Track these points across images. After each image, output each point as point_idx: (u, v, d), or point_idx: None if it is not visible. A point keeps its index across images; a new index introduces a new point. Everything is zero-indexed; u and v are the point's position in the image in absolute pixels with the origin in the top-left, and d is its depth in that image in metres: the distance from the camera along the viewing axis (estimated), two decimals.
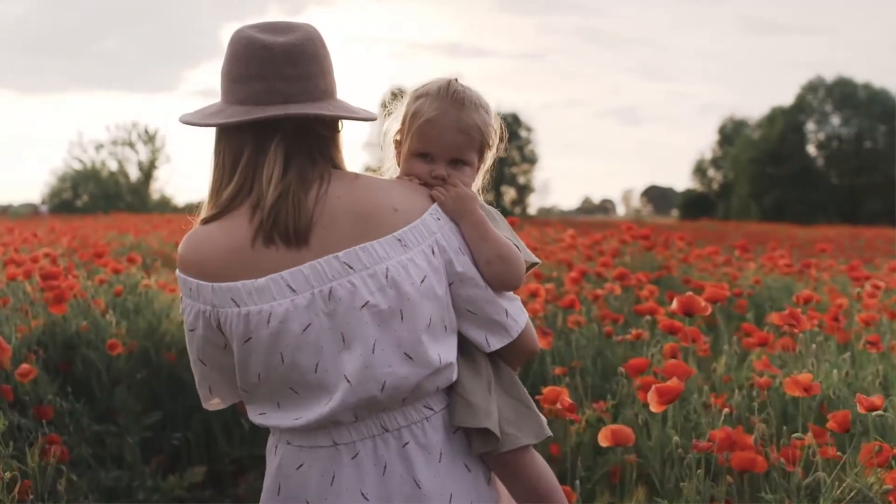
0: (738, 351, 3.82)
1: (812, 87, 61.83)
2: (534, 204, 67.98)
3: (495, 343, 1.77)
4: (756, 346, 3.72)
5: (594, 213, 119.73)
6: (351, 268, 1.64)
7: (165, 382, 5.20)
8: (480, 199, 1.86)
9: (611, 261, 7.37)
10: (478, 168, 1.90)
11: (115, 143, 62.61)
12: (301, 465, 1.74)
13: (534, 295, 4.41)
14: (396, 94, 1.91)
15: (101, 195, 58.81)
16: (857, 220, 49.62)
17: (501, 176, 65.83)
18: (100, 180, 61.22)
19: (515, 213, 62.03)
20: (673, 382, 2.55)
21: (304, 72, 1.68)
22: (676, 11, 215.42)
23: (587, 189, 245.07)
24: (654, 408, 2.55)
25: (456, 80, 1.85)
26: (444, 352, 1.71)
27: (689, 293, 3.15)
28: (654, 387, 2.56)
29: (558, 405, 2.83)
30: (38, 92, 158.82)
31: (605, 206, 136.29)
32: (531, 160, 65.95)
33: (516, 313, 1.80)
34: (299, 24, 1.74)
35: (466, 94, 1.82)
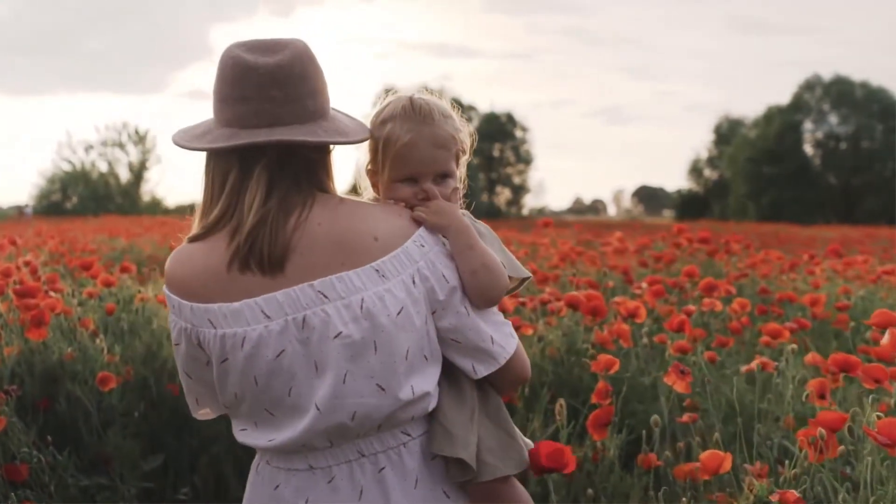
0: None
1: (809, 86, 61.76)
2: (528, 204, 67.39)
3: (482, 370, 1.76)
4: None
5: (585, 214, 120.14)
6: (325, 297, 1.64)
7: (167, 419, 4.35)
8: (469, 213, 1.85)
9: (664, 268, 6.58)
10: (457, 176, 1.86)
11: (104, 143, 61.75)
12: (278, 486, 1.76)
13: (633, 315, 3.59)
14: (388, 93, 1.86)
15: (90, 197, 57.99)
16: (854, 219, 49.24)
17: (497, 176, 65.40)
18: (89, 182, 60.39)
19: (511, 214, 61.53)
20: None
21: (292, 93, 1.67)
22: (665, 11, 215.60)
23: (577, 189, 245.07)
24: None
25: (415, 95, 1.83)
26: (421, 383, 1.71)
27: (884, 310, 2.37)
28: None
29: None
30: (25, 93, 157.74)
31: (596, 207, 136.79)
32: (526, 160, 65.61)
33: (503, 339, 1.78)
34: (289, 41, 1.71)
35: (432, 106, 1.81)
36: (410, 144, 1.77)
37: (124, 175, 62.01)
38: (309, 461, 1.73)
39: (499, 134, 64.42)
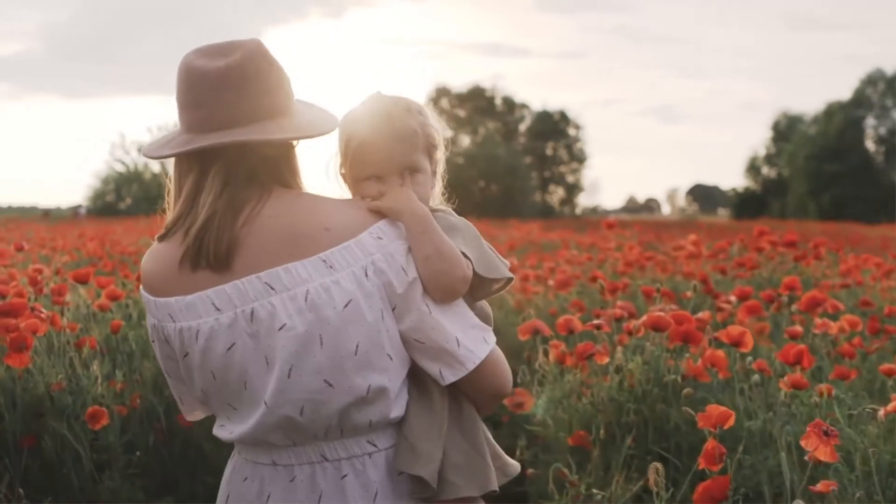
0: None
1: (871, 81, 60.82)
2: (581, 203, 66.52)
3: (450, 376, 1.69)
4: None
5: (639, 213, 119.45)
6: (272, 288, 1.62)
7: (180, 453, 3.75)
8: (449, 209, 1.83)
9: (748, 274, 5.85)
10: (433, 172, 1.82)
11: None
12: (246, 478, 1.76)
13: (737, 344, 2.89)
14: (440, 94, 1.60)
15: (143, 197, 58.34)
16: None
17: (550, 175, 64.83)
18: (142, 182, 60.77)
19: (564, 213, 60.88)
20: None
21: (244, 93, 1.67)
22: (715, 9, 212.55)
23: (628, 187, 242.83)
24: None
25: (378, 92, 1.80)
26: (377, 381, 1.65)
27: None
28: None
29: None
30: (81, 96, 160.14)
31: (650, 206, 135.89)
32: (580, 158, 64.67)
33: (472, 343, 1.69)
34: (241, 42, 1.71)
35: (392, 101, 1.78)
36: (369, 141, 1.74)
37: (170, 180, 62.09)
38: (272, 457, 1.72)
39: (552, 132, 63.74)
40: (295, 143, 1.77)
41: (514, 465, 1.84)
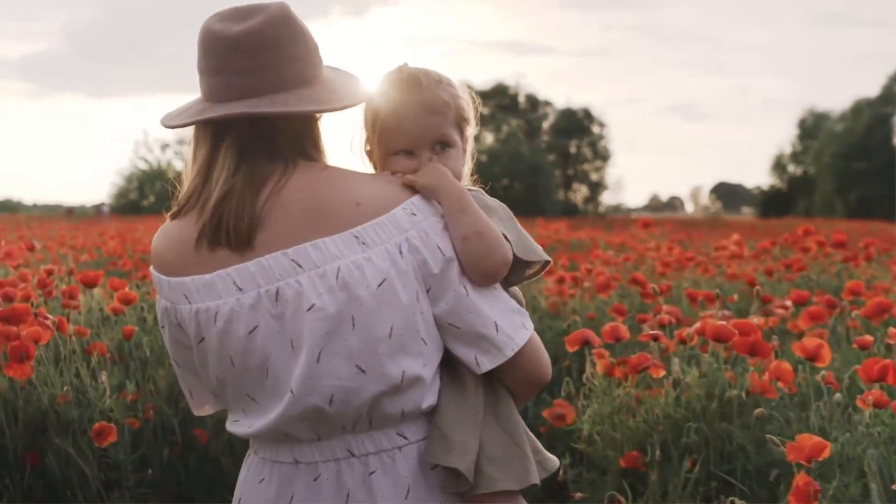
0: None
1: None
2: (604, 202, 66.03)
3: (486, 363, 1.58)
4: None
5: (662, 211, 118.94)
6: (300, 266, 1.51)
7: (195, 470, 3.49)
8: (481, 190, 1.71)
9: (794, 276, 5.55)
10: (463, 149, 1.72)
11: (180, 142, 62.09)
12: (263, 479, 1.64)
13: (813, 358, 2.59)
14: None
15: (167, 195, 58.35)
16: None
17: (573, 173, 64.49)
18: (166, 180, 60.84)
19: (588, 211, 60.52)
20: None
21: (263, 61, 1.56)
22: (737, 6, 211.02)
23: (651, 186, 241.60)
24: None
25: (405, 63, 1.70)
26: (412, 367, 1.54)
27: None
28: None
29: None
30: (106, 95, 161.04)
31: (674, 204, 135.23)
32: (604, 156, 64.21)
33: (511, 328, 1.59)
34: (265, 5, 1.59)
35: (422, 72, 1.67)
36: (398, 112, 1.64)
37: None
38: (294, 454, 1.60)
39: (575, 130, 63.25)
40: (319, 116, 1.66)
41: (553, 460, 1.72)
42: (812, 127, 65.72)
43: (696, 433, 2.80)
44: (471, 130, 1.74)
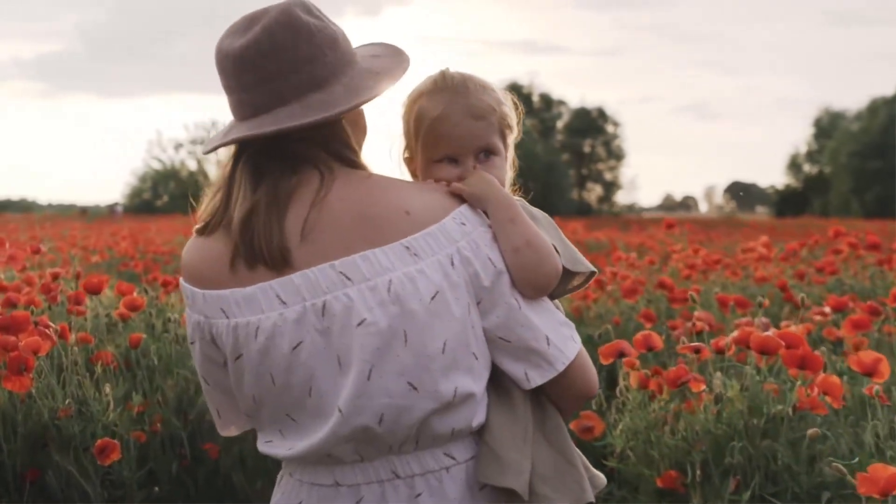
0: None
1: None
2: (618, 201, 65.75)
3: (536, 378, 1.53)
4: None
5: (675, 211, 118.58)
6: (348, 278, 1.46)
7: (205, 485, 3.32)
8: (523, 200, 1.65)
9: (826, 280, 5.36)
10: (506, 157, 1.68)
11: (193, 142, 62.19)
12: (300, 503, 1.57)
13: (871, 373, 2.40)
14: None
15: (180, 195, 58.52)
16: None
17: (587, 172, 64.30)
18: (179, 180, 60.96)
19: (603, 211, 60.31)
20: None
21: (266, 73, 1.51)
22: (752, 5, 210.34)
23: (665, 185, 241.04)
24: None
25: (446, 68, 1.66)
26: (464, 383, 1.48)
27: None
28: None
29: None
30: (119, 95, 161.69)
31: (687, 203, 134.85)
32: (618, 156, 63.94)
33: (561, 341, 1.54)
34: (265, 12, 1.52)
35: (467, 78, 1.64)
36: (443, 117, 1.59)
37: (213, 173, 62.41)
38: (335, 476, 1.53)
39: (589, 129, 62.99)
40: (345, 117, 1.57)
41: (601, 477, 1.67)
42: (828, 126, 65.44)
43: (740, 452, 2.61)
44: (513, 138, 1.70)
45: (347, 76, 1.54)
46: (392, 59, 1.62)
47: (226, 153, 1.61)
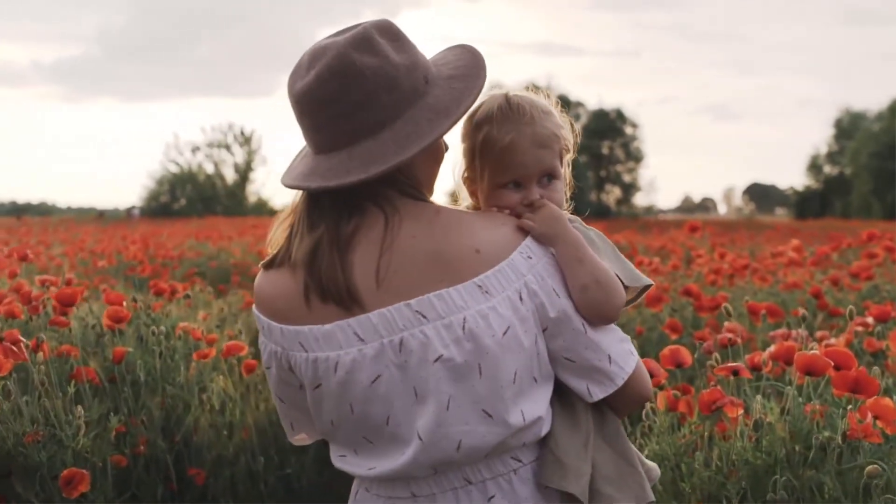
0: None
1: None
2: (637, 203, 65.19)
3: (598, 393, 1.60)
4: None
5: (694, 212, 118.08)
6: (424, 317, 1.51)
7: None
8: (578, 219, 1.70)
9: (860, 286, 5.05)
10: (564, 176, 1.73)
11: (210, 145, 62.13)
12: None
13: None
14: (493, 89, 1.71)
15: (197, 198, 58.44)
16: None
17: (606, 174, 63.90)
18: (196, 183, 60.89)
19: (622, 213, 59.87)
20: None
21: (320, 121, 1.55)
22: (768, 6, 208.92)
23: (684, 187, 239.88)
24: None
25: (510, 93, 1.69)
26: (532, 407, 1.56)
27: None
28: None
29: None
30: (137, 99, 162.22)
31: (706, 205, 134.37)
32: (637, 157, 63.47)
33: (622, 358, 1.61)
34: (327, 48, 1.53)
35: (531, 104, 1.68)
36: (511, 146, 1.63)
37: (230, 176, 62.31)
38: (411, 489, 1.59)
39: (608, 131, 62.52)
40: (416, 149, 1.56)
41: (655, 469, 1.76)
42: (848, 127, 64.88)
43: (783, 486, 2.31)
44: (568, 158, 1.74)
45: (404, 118, 1.53)
46: (466, 83, 1.57)
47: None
